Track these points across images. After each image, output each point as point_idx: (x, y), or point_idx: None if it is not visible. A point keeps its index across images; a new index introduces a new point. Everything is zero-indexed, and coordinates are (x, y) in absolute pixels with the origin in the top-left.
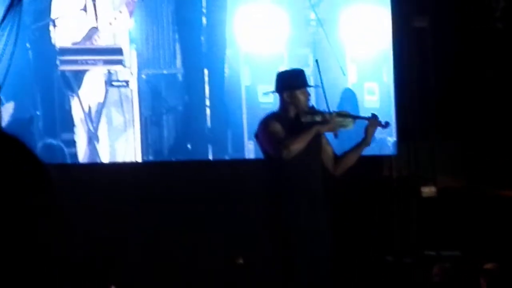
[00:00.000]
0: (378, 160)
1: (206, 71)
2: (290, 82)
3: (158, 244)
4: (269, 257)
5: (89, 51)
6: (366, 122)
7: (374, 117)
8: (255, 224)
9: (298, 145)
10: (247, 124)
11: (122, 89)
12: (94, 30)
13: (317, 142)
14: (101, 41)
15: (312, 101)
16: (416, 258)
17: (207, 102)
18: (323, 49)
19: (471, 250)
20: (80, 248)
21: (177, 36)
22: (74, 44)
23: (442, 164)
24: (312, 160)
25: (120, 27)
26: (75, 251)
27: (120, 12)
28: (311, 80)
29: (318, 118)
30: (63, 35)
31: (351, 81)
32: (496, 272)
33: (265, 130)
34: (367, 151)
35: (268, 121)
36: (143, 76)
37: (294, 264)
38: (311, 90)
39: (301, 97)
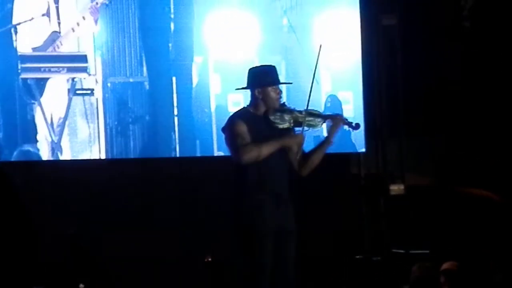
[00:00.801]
0: (346, 158)
1: (174, 79)
2: (262, 78)
3: (127, 243)
4: (235, 255)
5: (52, 58)
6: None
7: (340, 117)
8: (223, 222)
9: (257, 154)
10: (217, 134)
11: (87, 98)
12: (55, 34)
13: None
14: (64, 47)
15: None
16: (385, 256)
17: (175, 111)
18: (296, 56)
19: (437, 248)
20: (50, 246)
21: (143, 43)
22: (35, 49)
23: (410, 162)
24: (278, 159)
25: (84, 34)
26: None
27: (84, 18)
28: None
29: (287, 117)
30: (25, 41)
31: (325, 89)
32: (455, 271)
33: (230, 130)
34: (335, 148)
35: (235, 119)
36: (109, 85)
37: (260, 262)
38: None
39: (272, 94)
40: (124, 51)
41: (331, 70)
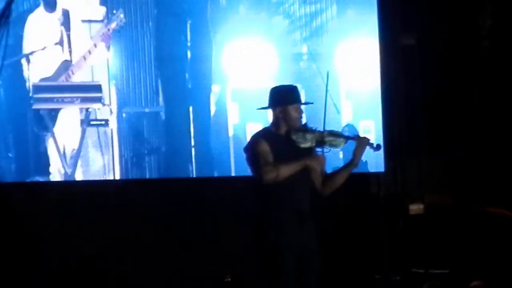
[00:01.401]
0: (365, 177)
1: (191, 109)
2: (283, 97)
3: (147, 262)
4: (257, 275)
5: (65, 88)
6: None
7: (364, 138)
8: (244, 241)
9: (280, 174)
10: (235, 164)
11: (101, 129)
12: (67, 63)
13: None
14: (76, 76)
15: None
16: (405, 276)
17: (192, 142)
18: (316, 85)
19: (459, 268)
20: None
21: (159, 72)
22: (47, 79)
23: (429, 182)
24: (301, 178)
25: (97, 62)
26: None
27: (95, 45)
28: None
29: (309, 136)
30: (37, 71)
31: (345, 119)
32: None
33: (253, 149)
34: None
35: (257, 138)
36: (124, 115)
37: (282, 282)
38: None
39: (294, 113)
40: (140, 80)
41: (352, 99)
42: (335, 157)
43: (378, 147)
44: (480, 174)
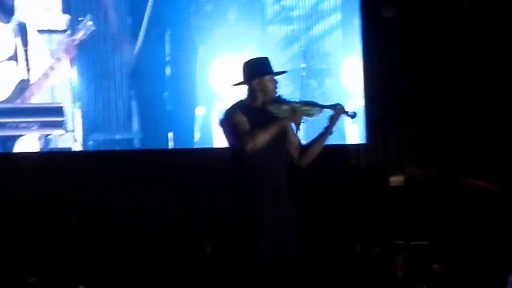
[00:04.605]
0: (345, 150)
1: (170, 135)
2: (258, 69)
3: (126, 234)
4: (236, 246)
5: (21, 111)
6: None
7: (339, 106)
8: (223, 213)
9: (262, 139)
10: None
11: None
12: (24, 83)
13: (282, 133)
14: (36, 98)
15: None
16: (385, 247)
17: None
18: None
19: (438, 240)
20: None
21: (133, 92)
22: (1, 102)
23: (410, 154)
24: (277, 151)
25: (59, 80)
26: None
27: (58, 59)
28: None
29: (285, 107)
30: None
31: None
32: (442, 273)
33: (230, 121)
34: (335, 139)
35: (233, 111)
36: (90, 143)
37: (260, 253)
38: None
39: (270, 84)
40: (109, 102)
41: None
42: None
43: (353, 115)
44: (460, 146)
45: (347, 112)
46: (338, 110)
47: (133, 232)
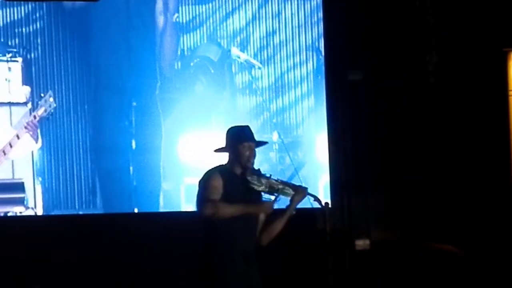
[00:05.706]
0: (311, 213)
1: (136, 211)
2: (236, 136)
3: None
4: None
5: None
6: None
7: (304, 189)
8: (192, 278)
9: (227, 211)
10: None
11: None
12: None
13: (253, 201)
14: None
15: None
16: None
17: None
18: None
19: None
20: None
21: (96, 166)
22: None
23: (375, 217)
24: (249, 218)
25: (19, 156)
26: None
27: (18, 137)
28: None
29: (263, 181)
30: None
31: None
32: None
33: (205, 181)
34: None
35: (213, 173)
36: None
37: None
38: None
39: (244, 151)
40: (72, 177)
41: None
42: None
43: (326, 205)
44: (426, 209)
45: (316, 196)
46: (301, 191)
47: None
